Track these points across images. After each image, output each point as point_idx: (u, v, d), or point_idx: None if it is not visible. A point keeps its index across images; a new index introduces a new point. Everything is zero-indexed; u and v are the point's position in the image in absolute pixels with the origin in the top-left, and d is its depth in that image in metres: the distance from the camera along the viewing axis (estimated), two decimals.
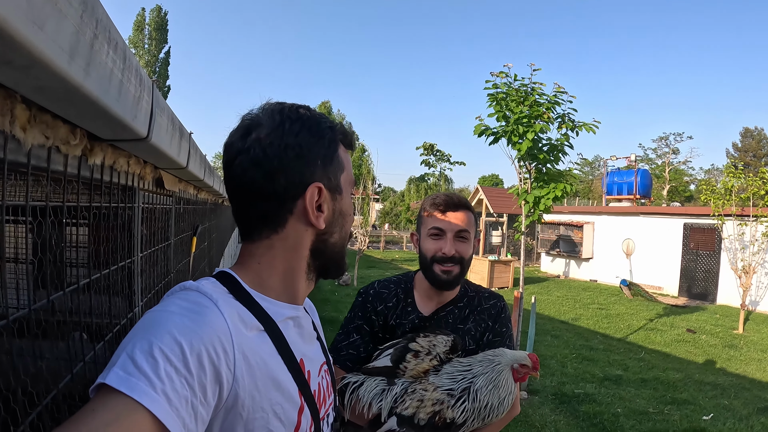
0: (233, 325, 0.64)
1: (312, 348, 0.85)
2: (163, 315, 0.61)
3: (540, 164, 5.53)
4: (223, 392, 0.61)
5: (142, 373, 0.53)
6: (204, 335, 0.60)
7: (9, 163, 0.70)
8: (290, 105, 0.79)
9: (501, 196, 17.31)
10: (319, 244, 0.79)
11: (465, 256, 1.45)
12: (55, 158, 0.85)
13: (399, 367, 1.32)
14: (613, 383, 5.39)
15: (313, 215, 0.75)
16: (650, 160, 40.96)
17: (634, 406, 4.72)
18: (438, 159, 22.08)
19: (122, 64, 0.75)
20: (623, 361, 6.25)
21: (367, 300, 1.54)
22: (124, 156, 1.24)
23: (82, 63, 0.59)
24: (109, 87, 0.70)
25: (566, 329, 8.09)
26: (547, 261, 16.11)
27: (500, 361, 1.30)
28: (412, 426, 1.20)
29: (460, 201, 1.47)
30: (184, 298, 0.65)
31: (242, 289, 0.72)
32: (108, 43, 0.67)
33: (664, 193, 37.35)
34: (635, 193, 15.94)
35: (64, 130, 0.82)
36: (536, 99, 5.23)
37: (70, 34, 0.54)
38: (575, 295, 11.43)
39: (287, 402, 0.71)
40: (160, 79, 27.83)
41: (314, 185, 0.75)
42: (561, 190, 5.43)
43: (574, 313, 9.49)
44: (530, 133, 5.16)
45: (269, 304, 0.74)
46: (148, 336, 0.57)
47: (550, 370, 5.77)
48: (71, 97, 0.63)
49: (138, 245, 1.55)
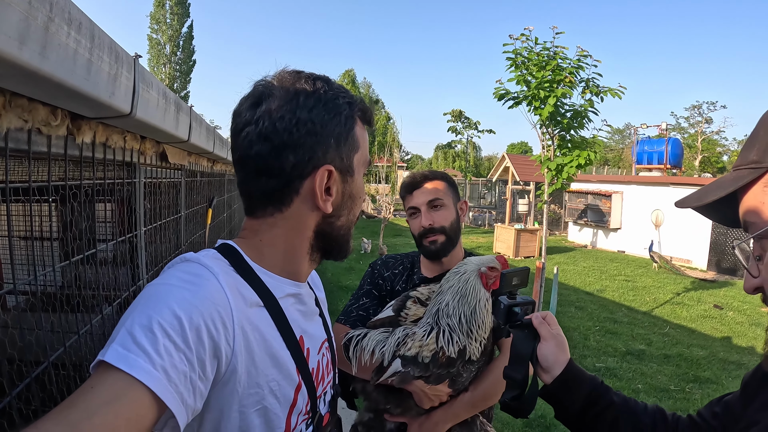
0: (233, 298, 0.63)
1: (313, 325, 0.83)
2: (163, 288, 0.60)
3: (563, 131, 5.38)
4: (221, 367, 0.61)
5: (141, 349, 0.52)
6: (203, 309, 0.59)
7: None
8: (307, 75, 0.73)
9: (528, 164, 16.94)
10: (324, 226, 0.75)
11: (445, 223, 1.49)
12: (38, 140, 0.88)
13: (401, 315, 1.35)
14: (635, 358, 5.31)
15: (321, 199, 0.71)
16: (682, 129, 39.26)
17: (656, 382, 4.65)
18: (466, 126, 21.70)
19: (89, 43, 0.76)
20: (647, 336, 6.13)
21: (375, 268, 1.64)
22: (118, 132, 1.27)
23: (37, 47, 0.60)
24: (74, 67, 0.72)
25: (591, 301, 7.97)
26: (575, 230, 15.83)
27: (465, 270, 1.27)
28: (417, 365, 1.21)
29: (423, 176, 1.54)
30: (185, 270, 0.64)
31: (244, 263, 0.71)
32: (68, 24, 0.68)
33: (696, 164, 35.92)
34: (666, 163, 15.37)
35: (43, 111, 0.85)
36: (558, 63, 5.05)
37: (18, 21, 0.55)
38: (602, 266, 11.22)
39: (284, 379, 0.70)
40: (185, 53, 27.96)
41: (324, 168, 0.70)
42: (585, 158, 5.27)
43: (600, 284, 9.34)
44: (552, 98, 5.01)
45: (271, 279, 0.72)
46: (147, 310, 0.56)
47: (572, 343, 5.71)
48: (31, 80, 0.65)
49: (141, 219, 1.60)
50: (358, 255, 10.86)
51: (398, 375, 1.22)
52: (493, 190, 21.91)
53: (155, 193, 1.85)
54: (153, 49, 27.25)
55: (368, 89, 24.54)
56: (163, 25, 27.21)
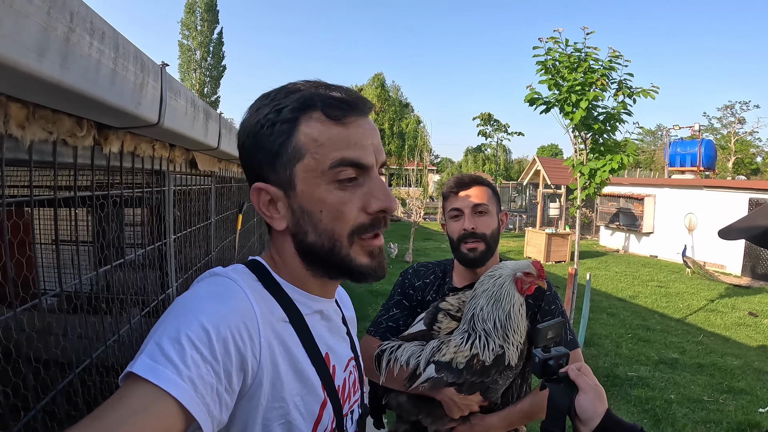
0: (260, 312, 0.64)
1: (339, 342, 0.81)
2: (191, 300, 0.61)
3: (596, 134, 5.22)
4: (247, 380, 0.61)
5: (168, 361, 0.53)
6: (231, 320, 0.59)
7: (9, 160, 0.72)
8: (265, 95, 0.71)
9: (559, 167, 16.67)
10: (297, 245, 0.71)
11: (487, 231, 1.45)
12: (64, 151, 0.86)
13: (433, 329, 1.33)
14: (668, 367, 5.13)
15: (267, 217, 0.71)
16: (715, 130, 37.89)
17: (689, 392, 4.47)
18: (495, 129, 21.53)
19: (113, 53, 0.74)
20: (680, 344, 5.92)
21: (406, 277, 1.60)
22: (146, 141, 1.26)
23: (57, 58, 0.58)
24: (97, 78, 0.70)
25: (623, 307, 7.75)
26: (607, 234, 15.45)
27: (500, 274, 1.25)
28: (450, 370, 1.19)
29: (471, 178, 1.50)
30: (213, 283, 0.65)
31: (271, 278, 0.71)
32: (91, 34, 0.66)
33: (729, 165, 34.59)
34: (699, 165, 14.85)
35: (68, 123, 0.83)
36: (590, 65, 4.91)
37: (36, 32, 0.53)
38: (634, 271, 10.91)
39: (309, 395, 0.69)
40: (215, 59, 28.52)
41: (254, 187, 0.70)
42: (618, 162, 5.11)
43: (632, 290, 9.08)
44: (584, 102, 4.86)
45: (298, 295, 0.72)
46: (175, 322, 0.57)
47: (604, 350, 5.56)
48: (53, 92, 0.63)
49: (171, 227, 1.59)
50: (389, 259, 10.80)
51: (430, 381, 1.20)
52: (523, 193, 21.63)
53: (185, 200, 1.85)
54: (184, 55, 27.90)
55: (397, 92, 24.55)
56: (194, 32, 27.83)
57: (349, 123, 0.67)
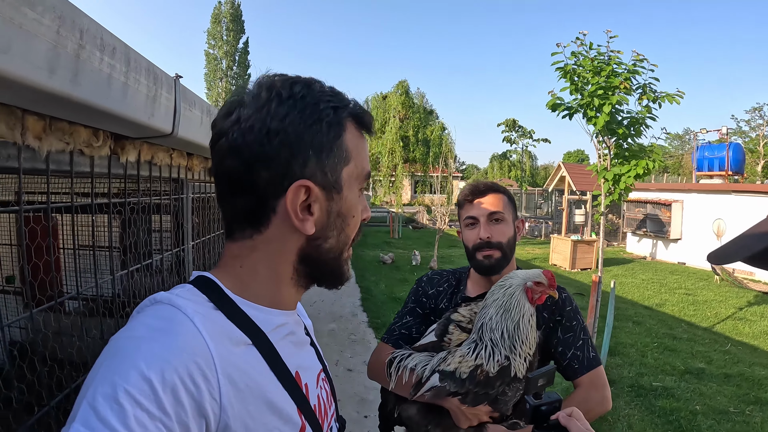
0: (215, 343, 0.56)
1: (307, 356, 0.76)
2: (128, 343, 0.53)
3: (620, 139, 5.13)
4: (210, 426, 0.53)
5: (107, 426, 0.45)
6: (178, 363, 0.51)
7: (27, 170, 0.75)
8: (285, 79, 0.65)
9: (584, 173, 16.43)
10: (309, 250, 0.66)
11: (502, 239, 1.44)
12: (81, 160, 0.90)
13: (444, 340, 1.32)
14: (694, 377, 4.98)
15: (297, 219, 0.63)
16: (743, 133, 36.64)
17: (715, 403, 4.33)
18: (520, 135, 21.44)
19: (124, 67, 0.77)
20: (707, 353, 5.74)
21: (420, 285, 1.61)
22: (164, 150, 1.30)
23: (68, 74, 0.61)
24: (108, 91, 0.73)
25: (649, 315, 7.56)
26: (633, 241, 15.12)
27: (510, 284, 1.24)
28: (454, 380, 1.18)
29: (486, 186, 1.48)
30: (154, 315, 0.56)
31: (225, 297, 0.63)
32: (101, 50, 0.69)
33: (759, 169, 33.44)
34: (727, 169, 14.41)
35: (85, 133, 0.87)
36: (613, 69, 4.83)
37: (46, 51, 0.56)
38: (661, 279, 10.64)
39: (286, 424, 0.63)
40: (240, 68, 29.12)
41: (298, 184, 0.61)
42: (643, 168, 5.01)
43: (659, 298, 8.85)
44: (607, 106, 4.79)
45: (257, 312, 0.65)
46: (110, 375, 0.48)
47: (629, 360, 5.43)
48: (66, 105, 0.66)
49: (189, 234, 1.63)
50: (411, 266, 10.87)
51: (433, 390, 1.19)
52: (549, 200, 21.39)
53: (204, 207, 1.89)
54: (210, 64, 28.62)
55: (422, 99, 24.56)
56: (219, 41, 28.48)
57: (365, 138, 0.70)
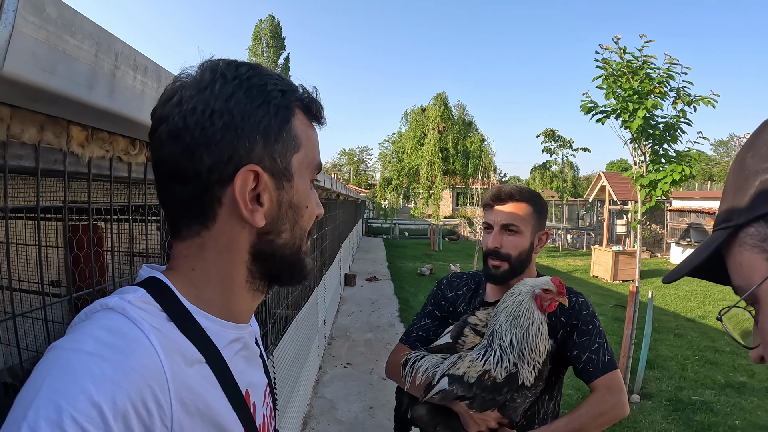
0: (169, 362, 0.51)
1: (256, 372, 0.71)
2: (76, 359, 0.47)
3: (655, 144, 5.04)
4: None
5: None
6: (131, 387, 0.47)
7: (72, 173, 0.87)
8: (230, 60, 0.61)
9: (625, 182, 16.01)
10: (261, 245, 0.61)
11: (513, 252, 1.42)
12: (119, 166, 1.02)
13: (458, 342, 1.36)
14: (735, 391, 4.79)
15: (246, 209, 0.57)
16: None
17: (755, 418, 4.15)
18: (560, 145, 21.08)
19: (155, 84, 0.88)
20: (750, 367, 5.50)
21: (440, 288, 1.63)
22: None
23: (105, 90, 0.71)
24: (142, 105, 0.83)
25: (691, 328, 7.30)
26: (677, 251, 14.60)
27: (520, 291, 1.27)
28: (462, 384, 1.21)
29: (508, 193, 1.45)
30: (105, 326, 0.50)
31: (179, 305, 0.58)
32: (134, 70, 0.80)
33: None
34: None
35: (123, 142, 0.98)
36: (647, 73, 4.77)
37: (86, 71, 0.66)
38: (705, 290, 10.23)
39: None
40: None
41: (246, 169, 0.57)
42: (680, 173, 4.90)
43: (702, 310, 8.53)
44: (641, 111, 4.73)
45: (210, 323, 0.60)
46: (54, 396, 0.43)
47: (668, 373, 5.27)
48: (104, 117, 0.77)
49: None
50: (443, 274, 10.84)
51: (441, 393, 1.23)
52: (591, 210, 20.93)
53: None
54: None
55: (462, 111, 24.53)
56: (260, 58, 29.35)
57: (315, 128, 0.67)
